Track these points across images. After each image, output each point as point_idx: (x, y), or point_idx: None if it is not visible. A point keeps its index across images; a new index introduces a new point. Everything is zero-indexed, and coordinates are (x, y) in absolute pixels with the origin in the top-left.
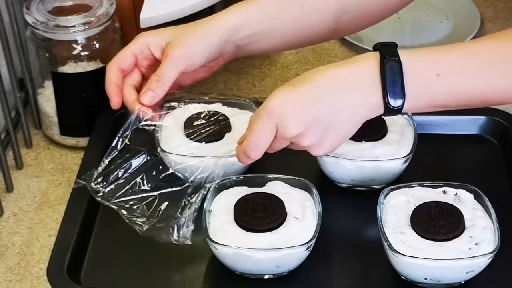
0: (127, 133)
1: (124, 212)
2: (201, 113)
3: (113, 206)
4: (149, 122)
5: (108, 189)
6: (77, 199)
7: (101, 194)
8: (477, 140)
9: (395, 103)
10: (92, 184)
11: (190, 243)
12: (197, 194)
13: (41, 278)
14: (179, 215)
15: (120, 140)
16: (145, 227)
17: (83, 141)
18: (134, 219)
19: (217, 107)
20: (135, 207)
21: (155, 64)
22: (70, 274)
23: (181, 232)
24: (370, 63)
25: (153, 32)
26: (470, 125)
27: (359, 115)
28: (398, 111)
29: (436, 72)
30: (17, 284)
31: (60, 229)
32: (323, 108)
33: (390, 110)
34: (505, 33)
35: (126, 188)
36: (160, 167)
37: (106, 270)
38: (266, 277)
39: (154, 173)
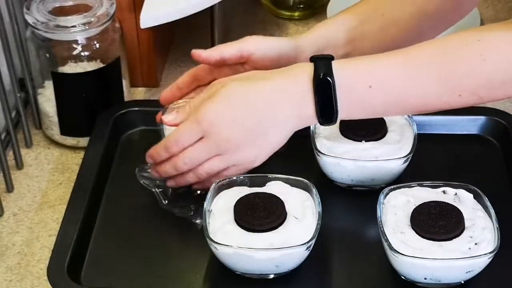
0: None
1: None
2: None
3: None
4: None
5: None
6: (77, 199)
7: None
8: (477, 140)
9: (327, 118)
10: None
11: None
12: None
13: (41, 278)
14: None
15: None
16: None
17: (83, 141)
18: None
19: None
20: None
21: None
22: (70, 274)
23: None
24: (304, 78)
25: None
26: (470, 125)
27: (290, 128)
28: (333, 122)
29: (369, 84)
30: (17, 284)
31: (60, 229)
32: (254, 120)
33: (324, 122)
34: (441, 40)
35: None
36: None
37: (106, 270)
38: (266, 277)
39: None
